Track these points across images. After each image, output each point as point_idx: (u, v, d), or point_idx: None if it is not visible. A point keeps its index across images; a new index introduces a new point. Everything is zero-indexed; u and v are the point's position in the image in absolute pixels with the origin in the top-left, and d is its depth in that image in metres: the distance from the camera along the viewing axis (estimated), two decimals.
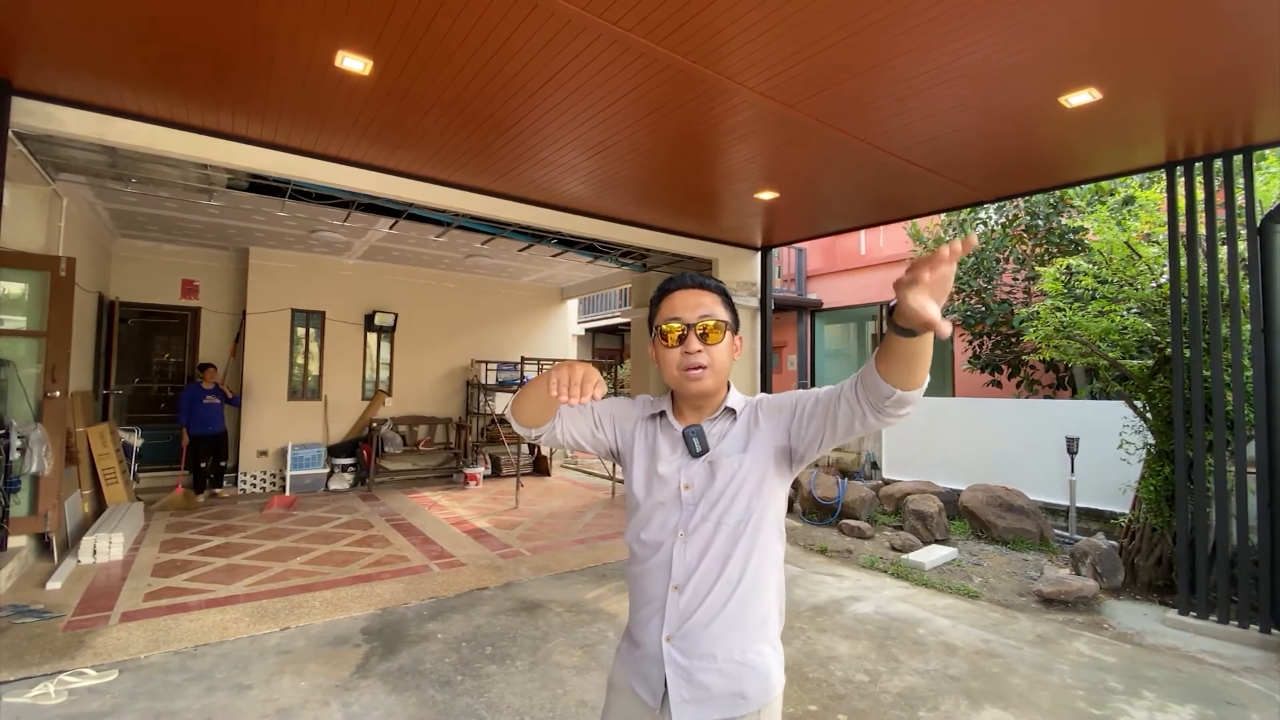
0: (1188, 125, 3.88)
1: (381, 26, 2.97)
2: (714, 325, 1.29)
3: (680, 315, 1.30)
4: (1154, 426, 4.85)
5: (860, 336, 12.77)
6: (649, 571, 1.33)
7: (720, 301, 1.33)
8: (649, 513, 1.34)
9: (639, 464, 1.39)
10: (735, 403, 1.36)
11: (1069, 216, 7.67)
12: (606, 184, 5.22)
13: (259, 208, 6.46)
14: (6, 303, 4.82)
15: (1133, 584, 4.73)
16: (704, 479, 1.30)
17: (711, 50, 3.11)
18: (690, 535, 1.29)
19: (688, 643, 1.26)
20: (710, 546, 1.27)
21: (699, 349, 1.28)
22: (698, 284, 1.33)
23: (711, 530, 1.28)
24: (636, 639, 1.35)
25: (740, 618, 1.26)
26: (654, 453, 1.36)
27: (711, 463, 1.30)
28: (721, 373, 1.31)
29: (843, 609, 4.32)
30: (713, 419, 1.34)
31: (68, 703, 2.91)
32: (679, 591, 1.28)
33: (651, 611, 1.31)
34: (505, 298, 10.70)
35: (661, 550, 1.31)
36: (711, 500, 1.28)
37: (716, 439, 1.32)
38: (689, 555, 1.28)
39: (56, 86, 3.66)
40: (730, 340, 1.33)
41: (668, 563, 1.30)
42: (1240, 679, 3.39)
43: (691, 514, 1.29)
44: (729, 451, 1.30)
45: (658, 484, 1.34)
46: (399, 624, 3.92)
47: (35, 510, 4.76)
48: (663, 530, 1.32)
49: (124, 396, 8.06)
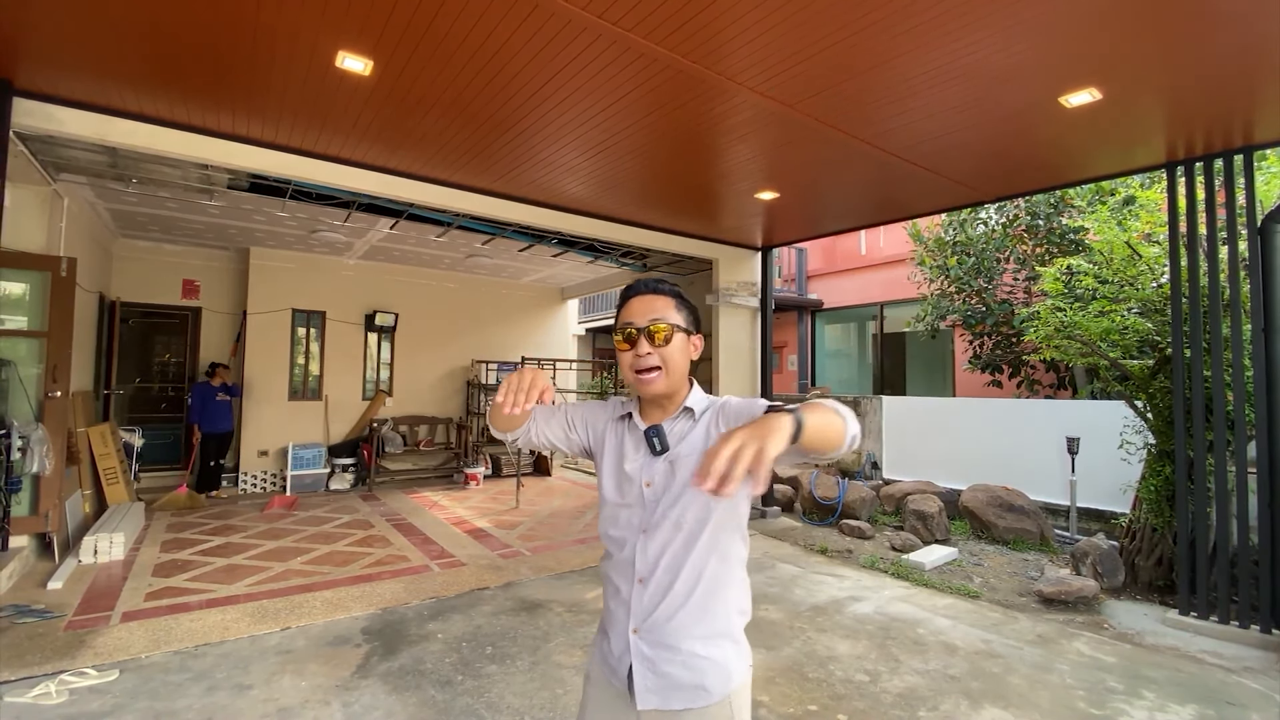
0: (1188, 125, 3.88)
1: (382, 27, 2.98)
2: (663, 328, 1.34)
3: (633, 319, 1.36)
4: (1154, 426, 4.85)
5: (861, 336, 12.77)
6: (616, 566, 1.39)
7: (673, 305, 1.38)
8: (615, 510, 1.40)
9: (608, 462, 1.44)
10: (695, 402, 1.40)
11: (1069, 216, 7.67)
12: (607, 184, 5.22)
13: (259, 208, 6.46)
14: (8, 303, 4.83)
15: (1133, 584, 4.73)
16: (665, 478, 1.34)
17: (712, 50, 3.11)
18: (652, 532, 1.33)
19: (652, 635, 1.31)
20: (671, 544, 1.32)
21: (648, 350, 1.33)
22: (651, 289, 1.40)
23: (672, 529, 1.32)
24: (607, 630, 1.41)
25: (701, 613, 1.30)
26: (620, 452, 1.42)
27: (672, 462, 1.34)
28: (676, 373, 1.36)
29: (843, 609, 4.32)
30: (673, 418, 1.39)
31: (68, 702, 2.91)
32: (643, 585, 1.33)
33: (619, 604, 1.37)
34: (505, 298, 10.70)
35: (626, 546, 1.36)
36: (672, 499, 1.33)
37: (677, 438, 1.36)
38: (650, 552, 1.33)
39: (57, 87, 3.67)
40: (685, 341, 1.38)
41: (632, 558, 1.35)
42: (1240, 679, 3.38)
43: (653, 512, 1.34)
44: (689, 452, 1.34)
45: (624, 482, 1.40)
46: (399, 624, 3.93)
47: (36, 510, 4.77)
48: (627, 527, 1.37)
49: (125, 396, 8.06)
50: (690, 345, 1.40)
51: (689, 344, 1.40)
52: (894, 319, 11.37)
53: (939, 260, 8.98)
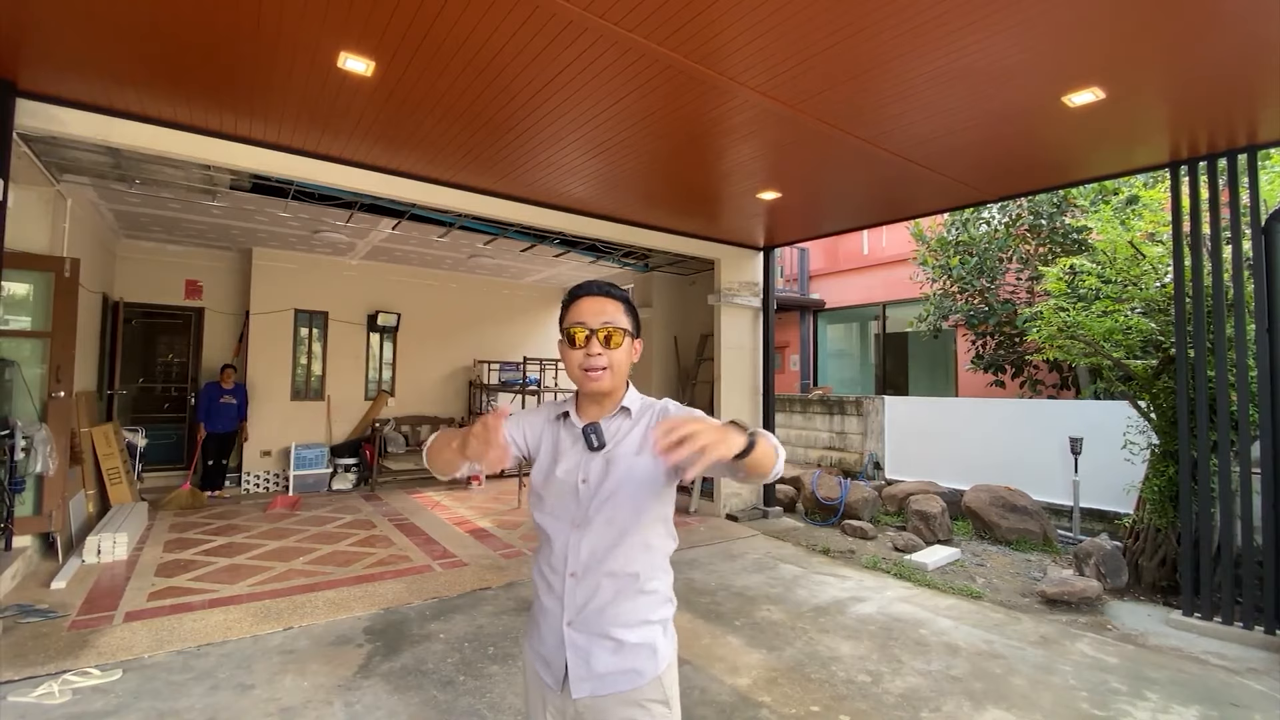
0: (1191, 124, 3.86)
1: (384, 28, 2.98)
2: (614, 331, 1.40)
3: (585, 320, 1.40)
4: (1158, 427, 4.83)
5: (863, 336, 12.76)
6: (549, 560, 1.42)
7: (623, 310, 1.44)
8: (551, 504, 1.43)
9: (543, 459, 1.49)
10: (631, 402, 1.46)
11: (1072, 216, 7.65)
12: (609, 185, 5.22)
13: (262, 208, 6.47)
14: (11, 303, 4.84)
15: (1136, 585, 4.71)
16: (599, 474, 1.39)
17: (713, 51, 3.11)
18: (585, 528, 1.38)
19: (585, 627, 1.36)
20: (603, 539, 1.37)
21: (599, 352, 1.39)
22: (604, 292, 1.44)
23: (605, 524, 1.37)
24: (539, 623, 1.45)
25: (633, 605, 1.37)
26: (556, 449, 1.47)
27: (608, 460, 1.39)
28: (619, 373, 1.43)
29: (845, 609, 4.32)
30: (610, 416, 1.45)
31: (72, 702, 2.92)
32: (576, 580, 1.37)
33: (552, 599, 1.40)
34: (507, 298, 10.70)
35: (559, 538, 1.40)
36: (605, 495, 1.37)
37: (614, 435, 1.42)
38: (584, 547, 1.37)
39: (60, 88, 3.68)
40: (629, 345, 1.44)
41: (564, 553, 1.39)
42: (1244, 680, 3.37)
43: (587, 507, 1.38)
44: (625, 452, 1.40)
45: (559, 477, 1.43)
46: (401, 624, 3.93)
47: (40, 510, 4.79)
48: (561, 520, 1.41)
49: (128, 397, 8.09)
50: (633, 349, 1.46)
51: (632, 347, 1.46)
52: (896, 319, 11.35)
53: (941, 260, 8.96)
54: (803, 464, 9.27)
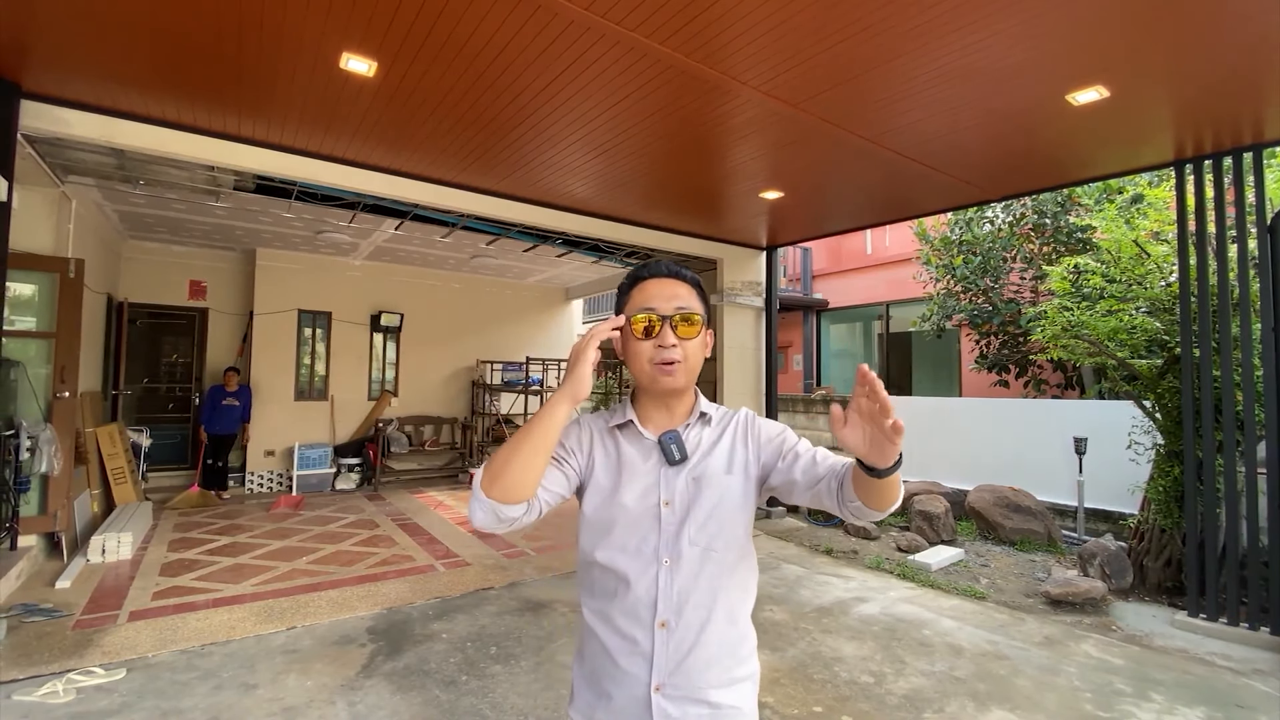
0: (1196, 123, 3.84)
1: (386, 28, 2.98)
2: (690, 318, 1.18)
3: (654, 305, 1.18)
4: (1163, 427, 4.81)
5: (866, 336, 12.73)
6: (625, 609, 1.14)
7: (695, 294, 1.23)
8: (621, 537, 1.16)
9: (600, 480, 1.22)
10: (709, 407, 1.25)
11: (1077, 215, 7.62)
12: (611, 184, 5.22)
13: (266, 209, 6.49)
14: (17, 304, 4.86)
15: (1141, 585, 4.69)
16: (687, 496, 1.17)
17: (715, 50, 3.10)
18: (677, 561, 1.13)
19: (680, 689, 1.11)
20: (701, 575, 1.13)
21: (674, 342, 1.16)
22: (673, 273, 1.23)
23: (700, 556, 1.14)
24: (606, 692, 1.16)
25: (732, 655, 1.15)
26: (621, 466, 1.21)
27: (696, 479, 1.17)
28: (694, 369, 1.21)
29: (848, 610, 4.31)
30: (687, 424, 1.23)
31: (76, 701, 2.93)
32: (667, 630, 1.11)
33: (634, 658, 1.13)
34: (510, 298, 10.72)
35: (642, 580, 1.13)
36: (699, 521, 1.15)
37: (694, 447, 1.21)
38: (678, 585, 1.13)
39: (64, 89, 3.69)
40: (704, 336, 1.22)
41: (652, 595, 1.13)
42: (1249, 681, 3.35)
43: (676, 536, 1.14)
44: (715, 470, 1.19)
45: (628, 503, 1.18)
46: (404, 624, 3.93)
47: (45, 510, 4.81)
48: (640, 556, 1.15)
49: (133, 397, 8.12)
50: (706, 340, 1.24)
51: (706, 338, 1.23)
52: (900, 318, 11.33)
53: (945, 259, 8.94)
54: None
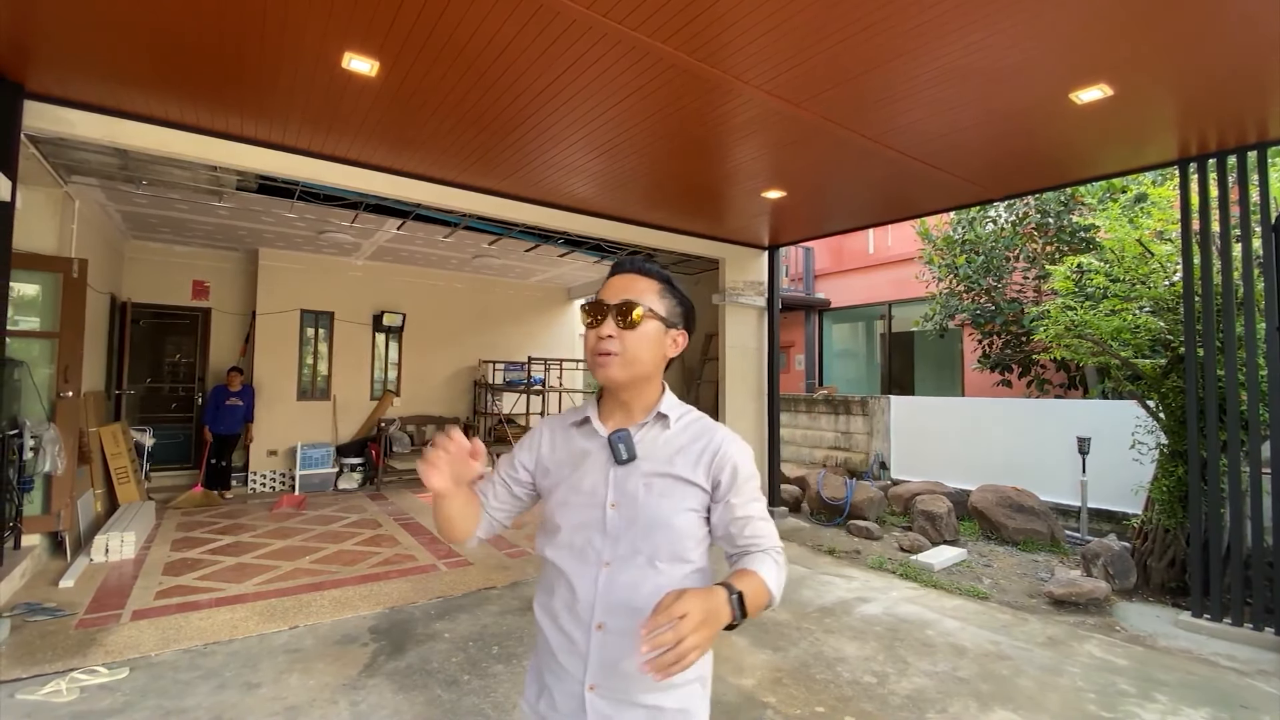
0: (1201, 121, 3.83)
1: (387, 27, 2.98)
2: (629, 309, 1.15)
3: (605, 298, 1.19)
4: (1167, 426, 4.79)
5: (869, 336, 12.71)
6: (566, 607, 1.16)
7: (656, 289, 1.20)
8: (569, 535, 1.18)
9: (558, 473, 1.23)
10: (672, 409, 1.22)
11: (1080, 214, 7.60)
12: (613, 184, 5.22)
13: (268, 209, 6.50)
14: (20, 304, 4.87)
15: (1145, 586, 4.68)
16: (634, 497, 1.15)
17: (717, 49, 3.10)
18: (618, 567, 1.13)
19: (614, 691, 1.11)
20: (643, 584, 1.12)
21: (610, 333, 1.16)
22: (635, 269, 1.23)
23: (645, 564, 1.13)
24: (547, 686, 1.19)
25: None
26: (574, 464, 1.22)
27: (648, 484, 1.15)
28: (634, 364, 1.17)
29: (850, 610, 4.30)
30: (641, 425, 1.20)
31: (79, 700, 2.93)
32: (604, 632, 1.12)
33: (570, 656, 1.15)
34: (512, 298, 10.72)
35: (583, 580, 1.15)
36: (643, 528, 1.13)
37: (648, 448, 1.18)
38: (618, 590, 1.12)
39: (68, 90, 3.70)
40: (659, 333, 1.19)
41: (591, 596, 1.13)
42: (1254, 682, 3.34)
43: (618, 541, 1.14)
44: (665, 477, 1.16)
45: (579, 500, 1.18)
46: (406, 623, 3.94)
47: (48, 509, 4.82)
48: (583, 557, 1.16)
49: (136, 396, 8.14)
50: (667, 339, 1.21)
51: (665, 337, 1.20)
52: (902, 318, 11.31)
53: (947, 259, 8.92)
54: (808, 464, 9.24)
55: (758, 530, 1.15)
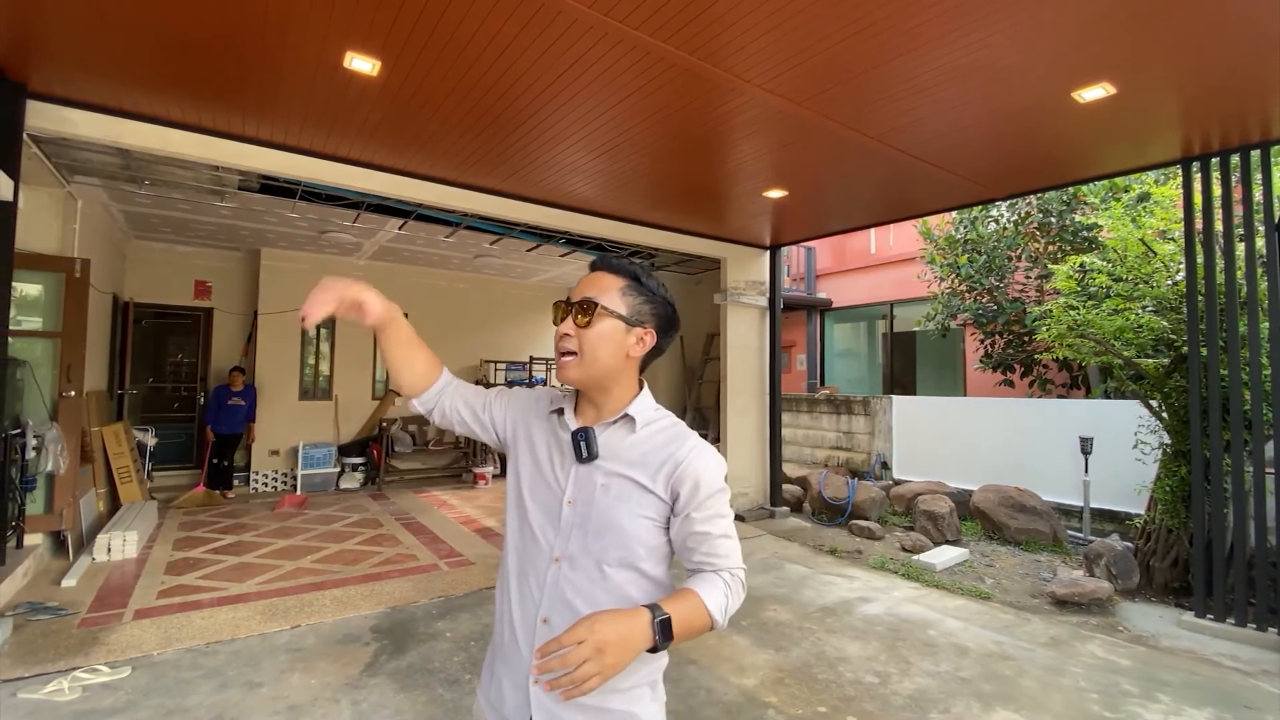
0: (1204, 120, 3.82)
1: (389, 27, 2.98)
2: (588, 307, 1.13)
3: (571, 295, 1.18)
4: (1170, 426, 4.78)
5: (870, 335, 12.69)
6: (516, 596, 1.16)
7: (619, 286, 1.16)
8: (523, 524, 1.19)
9: (524, 461, 1.23)
10: (639, 410, 1.17)
11: (1082, 213, 7.58)
12: (614, 184, 5.22)
13: (270, 209, 6.51)
14: (23, 304, 4.88)
15: (1148, 586, 4.67)
16: (590, 497, 1.13)
17: (718, 48, 3.10)
18: (566, 565, 1.12)
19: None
20: (592, 587, 1.11)
21: (568, 332, 1.14)
22: (605, 266, 1.20)
23: (593, 566, 1.11)
24: (496, 671, 1.18)
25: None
26: (544, 454, 1.21)
27: (605, 485, 1.13)
28: (593, 363, 1.13)
29: (852, 610, 4.29)
30: (606, 424, 1.17)
31: (81, 699, 2.94)
32: (548, 626, 1.11)
33: (515, 645, 1.14)
34: (514, 298, 10.72)
35: (533, 572, 1.15)
36: (595, 529, 1.12)
37: (612, 448, 1.16)
38: (565, 587, 1.11)
39: (70, 90, 3.70)
40: (618, 332, 1.14)
41: (539, 589, 1.13)
42: (1257, 682, 3.33)
43: (569, 538, 1.13)
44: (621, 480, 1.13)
45: (540, 491, 1.18)
46: (408, 622, 3.94)
47: (51, 508, 4.83)
48: (535, 548, 1.16)
49: (138, 396, 8.15)
50: (631, 338, 1.16)
51: (626, 336, 1.15)
52: (904, 318, 11.29)
53: (949, 258, 8.91)
54: (810, 464, 9.23)
55: (715, 548, 1.12)
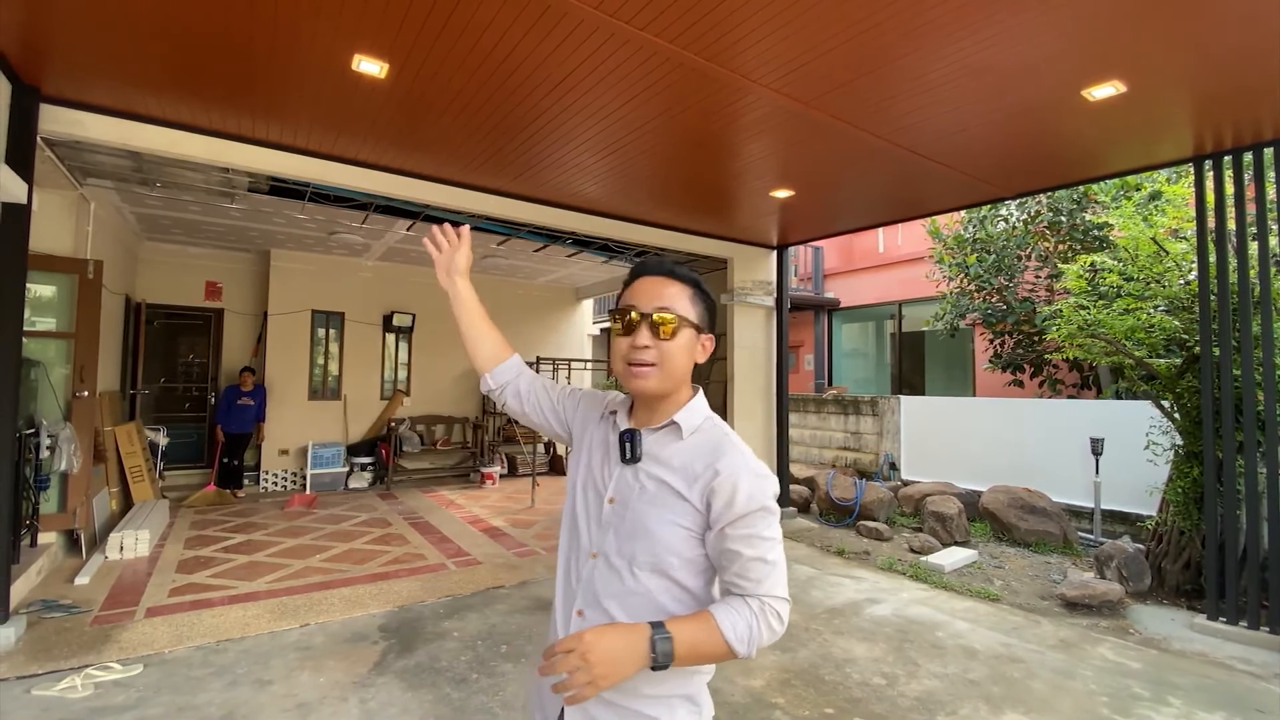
0: (1216, 118, 3.78)
1: (397, 29, 3.00)
2: (670, 319, 1.12)
3: (636, 303, 1.14)
4: (1182, 427, 4.73)
5: (878, 335, 12.64)
6: (563, 588, 1.19)
7: (688, 294, 1.16)
8: (573, 519, 1.21)
9: (582, 458, 1.26)
10: (687, 417, 1.16)
11: (1093, 212, 7.52)
12: (621, 184, 5.22)
13: (279, 210, 6.56)
14: (37, 305, 4.94)
15: (1159, 588, 4.62)
16: (627, 501, 1.13)
17: (725, 48, 3.09)
18: (602, 560, 1.13)
19: None
20: (624, 590, 1.10)
21: (647, 343, 1.11)
22: (666, 272, 1.17)
23: (625, 564, 1.10)
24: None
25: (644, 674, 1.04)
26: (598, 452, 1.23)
27: (642, 488, 1.13)
28: (672, 374, 1.13)
29: (860, 611, 4.28)
30: (654, 429, 1.17)
31: (94, 696, 2.97)
32: (583, 618, 1.12)
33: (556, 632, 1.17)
34: (521, 298, 10.75)
35: (575, 565, 1.17)
36: (627, 532, 1.11)
37: (656, 452, 1.15)
38: (597, 582, 1.12)
39: (83, 93, 3.74)
40: (692, 339, 1.15)
41: (578, 582, 1.15)
42: (1270, 686, 3.29)
43: (606, 536, 1.13)
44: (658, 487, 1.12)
45: (589, 488, 1.20)
46: (416, 622, 3.96)
47: (64, 507, 4.89)
48: (578, 543, 1.18)
49: (150, 396, 8.23)
50: (698, 345, 1.17)
51: (696, 343, 1.16)
52: (913, 318, 11.24)
53: (958, 258, 8.86)
54: (817, 464, 9.20)
55: (746, 570, 1.05)
